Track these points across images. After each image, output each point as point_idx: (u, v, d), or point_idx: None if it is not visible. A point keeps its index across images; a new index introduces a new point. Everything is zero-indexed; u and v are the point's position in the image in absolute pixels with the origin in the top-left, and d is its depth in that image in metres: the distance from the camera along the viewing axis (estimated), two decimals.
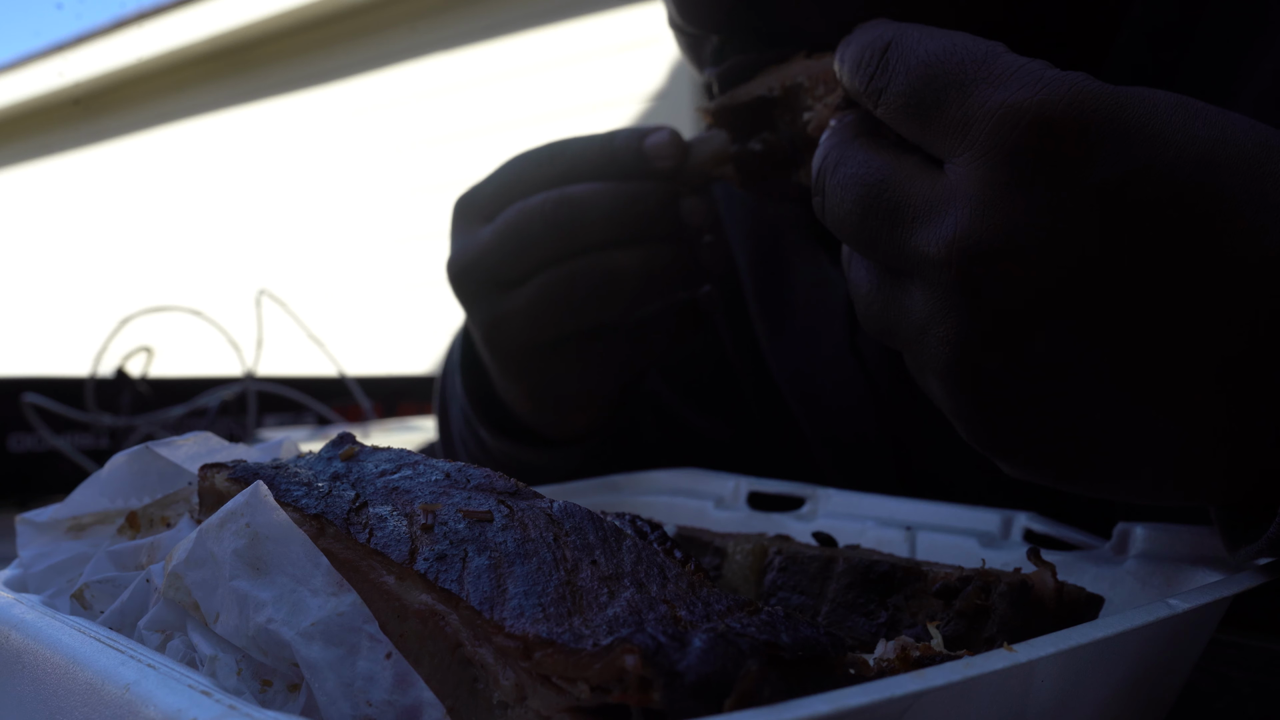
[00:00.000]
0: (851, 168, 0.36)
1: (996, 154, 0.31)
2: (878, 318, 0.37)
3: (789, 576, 0.37)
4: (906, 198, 0.33)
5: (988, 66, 0.32)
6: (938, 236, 0.32)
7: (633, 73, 3.25)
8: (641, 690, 0.21)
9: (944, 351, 0.33)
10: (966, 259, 0.31)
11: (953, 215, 0.32)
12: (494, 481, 0.33)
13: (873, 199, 0.34)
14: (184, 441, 0.37)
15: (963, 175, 0.32)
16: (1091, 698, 0.27)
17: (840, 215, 0.36)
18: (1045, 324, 0.31)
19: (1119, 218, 0.30)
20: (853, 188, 0.35)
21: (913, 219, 0.33)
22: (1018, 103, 0.31)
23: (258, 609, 0.26)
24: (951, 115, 0.33)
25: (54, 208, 5.28)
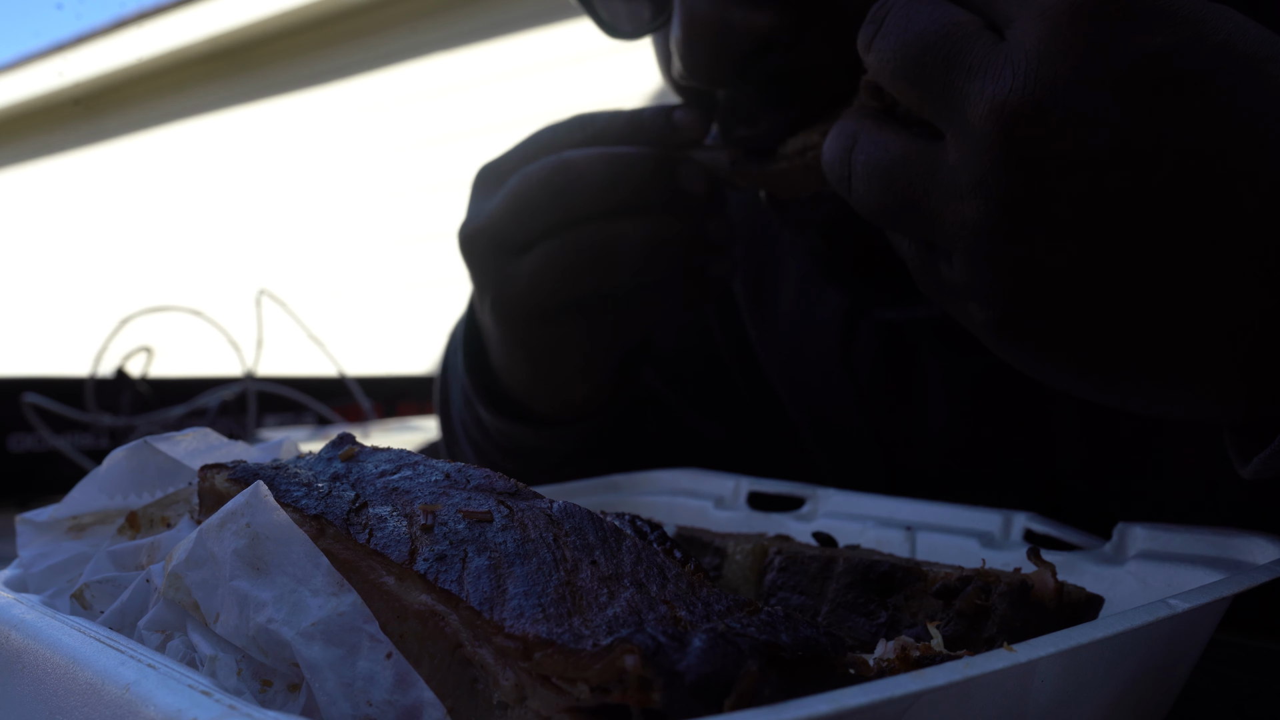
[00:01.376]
0: (925, 7, 0.36)
1: (1053, 19, 0.32)
2: (891, 183, 0.37)
3: (789, 576, 0.37)
4: (966, 48, 0.34)
5: None
6: (993, 91, 0.33)
7: (633, 73, 3.25)
8: (641, 690, 0.21)
9: (982, 217, 0.34)
10: (1016, 117, 0.32)
11: (1009, 72, 0.33)
12: (494, 482, 0.33)
13: (938, 38, 0.35)
14: (183, 437, 0.37)
15: (1020, 37, 0.33)
16: (1091, 698, 0.27)
17: (896, 46, 0.36)
18: (1086, 193, 0.32)
19: (1164, 86, 0.31)
20: (921, 22, 0.35)
21: (969, 69, 0.34)
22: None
23: (258, 609, 0.26)
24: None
25: (54, 208, 5.27)
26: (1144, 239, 0.32)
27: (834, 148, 0.40)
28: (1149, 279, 0.32)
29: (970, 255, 0.35)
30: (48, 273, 5.33)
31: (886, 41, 0.37)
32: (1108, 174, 0.32)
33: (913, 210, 0.36)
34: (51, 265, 5.32)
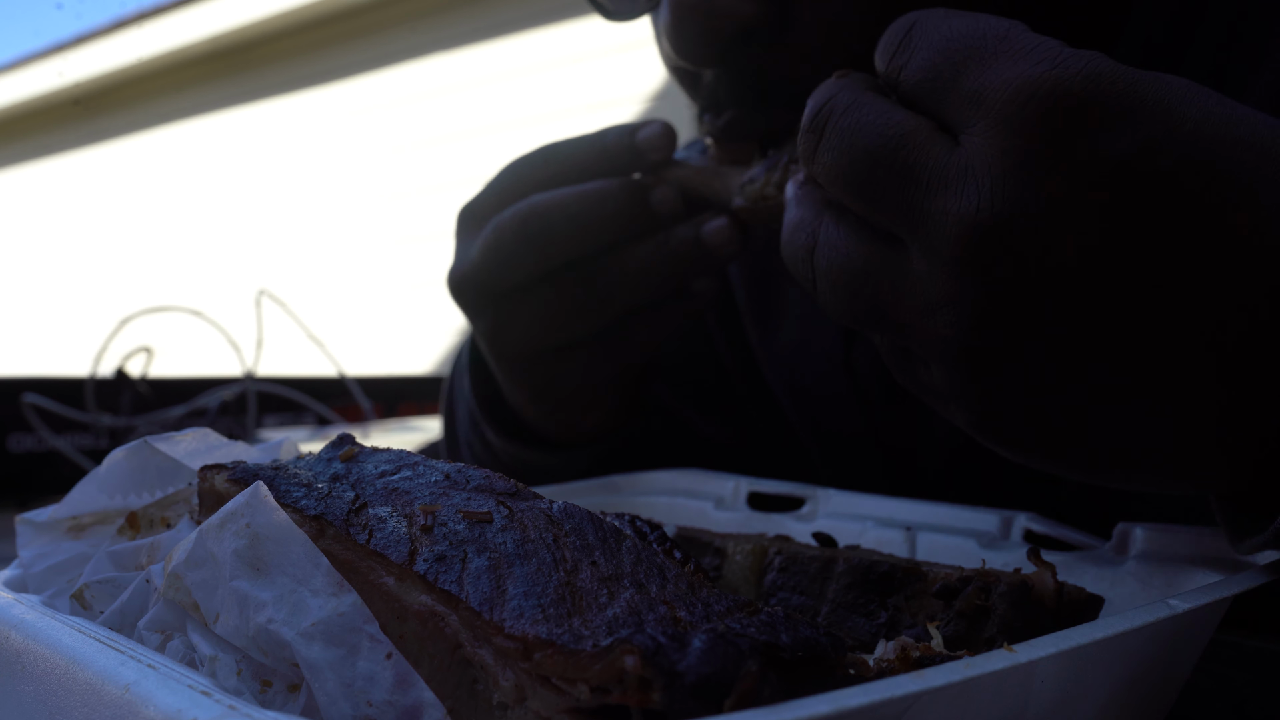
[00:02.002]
0: (867, 115, 0.34)
1: (1013, 126, 0.31)
2: (858, 291, 0.35)
3: (789, 577, 0.37)
4: (923, 159, 0.33)
5: (1006, 42, 0.33)
6: (957, 209, 0.32)
7: (633, 73, 3.25)
8: (641, 691, 0.21)
9: (954, 331, 0.33)
10: (984, 235, 0.31)
11: (972, 188, 0.31)
12: (493, 482, 0.33)
13: (888, 151, 0.33)
14: (183, 438, 0.37)
15: (979, 146, 0.32)
16: (1091, 698, 0.27)
17: (841, 161, 0.34)
18: (1058, 303, 0.31)
19: (1132, 192, 0.30)
20: (866, 134, 0.34)
21: (928, 183, 0.32)
22: (1035, 76, 0.31)
23: (258, 609, 0.26)
24: (968, 86, 0.33)
25: (54, 208, 5.28)
26: (1119, 344, 0.31)
27: (794, 244, 0.39)
28: (1127, 382, 0.32)
29: (945, 364, 0.34)
30: (48, 273, 5.33)
31: (831, 154, 0.35)
32: (1080, 283, 0.31)
33: (882, 318, 0.35)
34: (51, 265, 5.32)
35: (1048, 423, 0.33)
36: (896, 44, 0.36)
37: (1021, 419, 0.34)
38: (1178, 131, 0.30)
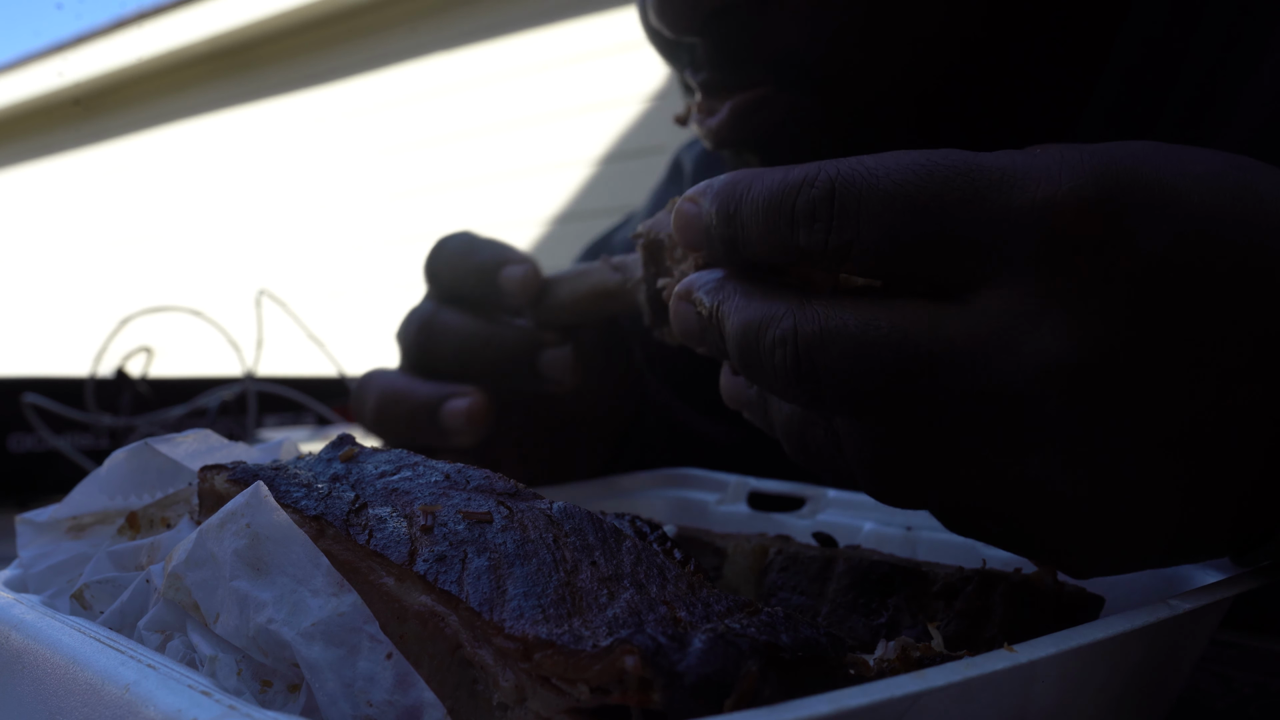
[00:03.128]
0: (845, 327, 0.28)
1: (1046, 257, 0.27)
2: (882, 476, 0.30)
3: (789, 577, 0.37)
4: (939, 348, 0.27)
5: (984, 171, 0.28)
6: (1028, 375, 0.27)
7: (633, 73, 3.25)
8: (641, 691, 0.21)
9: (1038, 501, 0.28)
10: (1072, 382, 0.27)
11: (1032, 345, 0.27)
12: (493, 483, 0.33)
13: (896, 362, 0.27)
14: (184, 439, 0.37)
15: (1009, 294, 0.27)
16: (1091, 698, 0.27)
17: (835, 391, 0.29)
18: (1117, 424, 0.27)
19: (1171, 288, 0.27)
20: (858, 355, 0.28)
21: (955, 366, 0.27)
22: (1051, 196, 0.27)
23: (258, 609, 0.26)
24: (968, 234, 0.27)
25: (54, 208, 5.28)
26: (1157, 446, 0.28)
27: (729, 389, 0.37)
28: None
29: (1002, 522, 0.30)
30: (48, 273, 5.33)
31: (808, 389, 0.29)
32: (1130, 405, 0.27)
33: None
34: (51, 265, 5.32)
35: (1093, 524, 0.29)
36: (827, 220, 0.29)
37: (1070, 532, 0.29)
38: (1207, 222, 0.27)
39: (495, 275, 0.50)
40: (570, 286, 0.50)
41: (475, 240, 0.52)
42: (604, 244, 0.87)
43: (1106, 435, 0.27)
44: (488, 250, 0.51)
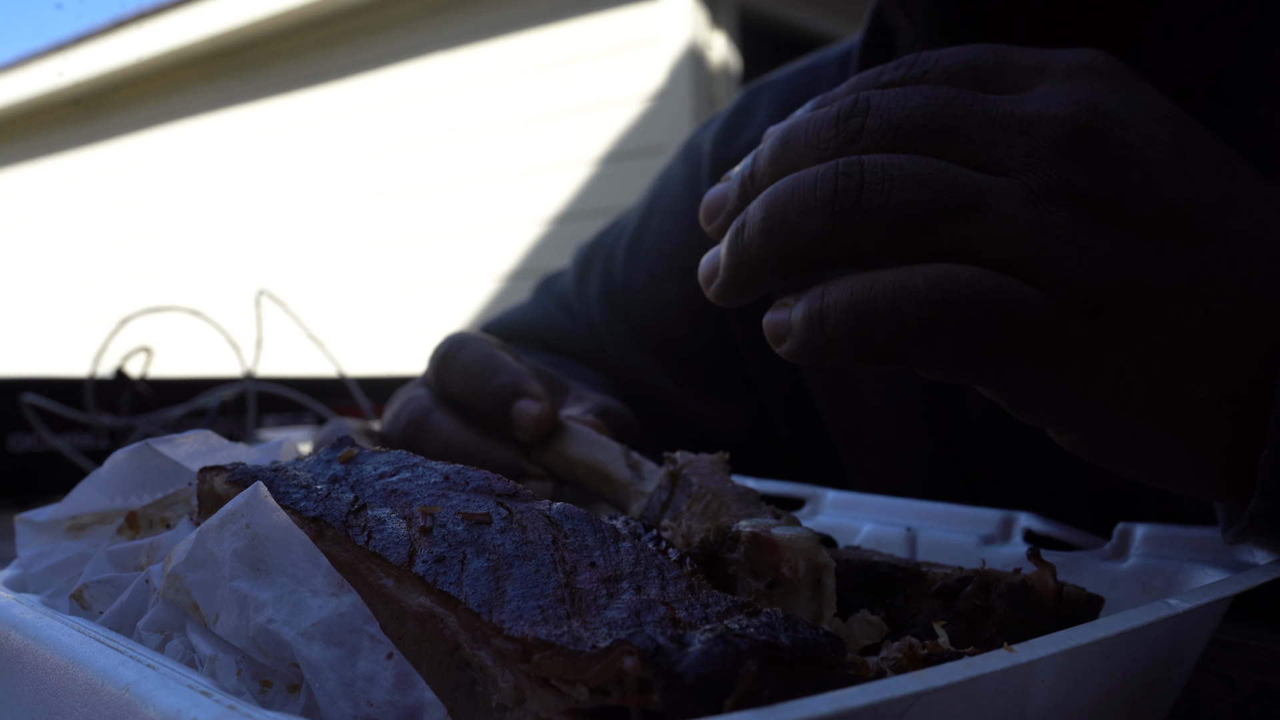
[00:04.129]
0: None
1: (1086, 70, 0.33)
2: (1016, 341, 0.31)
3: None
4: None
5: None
6: (1057, 110, 0.32)
7: (633, 73, 3.25)
8: (641, 692, 0.21)
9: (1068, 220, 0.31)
10: (1090, 121, 0.32)
11: (1060, 99, 0.32)
12: (492, 484, 0.33)
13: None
14: (184, 439, 0.37)
15: (1055, 84, 0.33)
16: (1091, 698, 0.27)
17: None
18: (1151, 199, 0.32)
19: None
20: (917, 99, 0.32)
21: (1009, 104, 0.32)
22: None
23: (258, 609, 0.26)
24: (1024, 62, 0.34)
25: (54, 208, 5.28)
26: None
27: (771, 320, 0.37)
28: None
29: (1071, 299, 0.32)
30: (48, 273, 5.33)
31: (896, 110, 0.33)
32: (1164, 180, 0.32)
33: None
34: (51, 265, 5.32)
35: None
36: (907, 62, 0.35)
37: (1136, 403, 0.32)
38: None
39: (509, 405, 0.49)
40: (581, 447, 0.49)
41: (495, 359, 0.51)
42: (600, 244, 0.87)
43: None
44: (506, 375, 0.50)
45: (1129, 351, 0.31)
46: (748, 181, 0.35)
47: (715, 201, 0.36)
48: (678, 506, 0.41)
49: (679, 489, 0.41)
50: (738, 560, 0.33)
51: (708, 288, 0.35)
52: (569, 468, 0.48)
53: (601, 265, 0.84)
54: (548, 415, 0.49)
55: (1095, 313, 0.30)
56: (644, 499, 0.43)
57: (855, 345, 0.31)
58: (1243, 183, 0.33)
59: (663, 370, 0.78)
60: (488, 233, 3.60)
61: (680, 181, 0.81)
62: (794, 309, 0.32)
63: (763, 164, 0.34)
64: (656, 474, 0.44)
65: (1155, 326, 0.31)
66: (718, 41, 3.21)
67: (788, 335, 0.32)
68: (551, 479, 0.49)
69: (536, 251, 3.49)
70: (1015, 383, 0.31)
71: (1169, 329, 0.31)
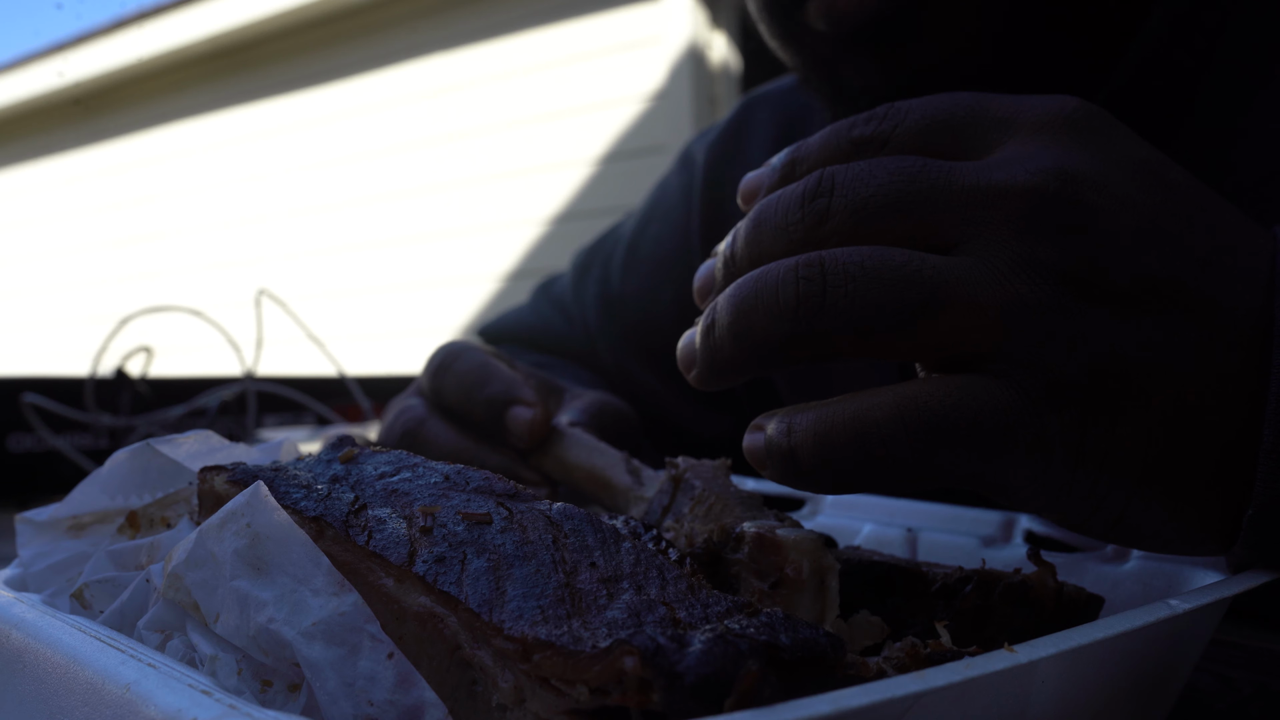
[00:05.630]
0: (873, 164, 0.32)
1: (1056, 125, 0.32)
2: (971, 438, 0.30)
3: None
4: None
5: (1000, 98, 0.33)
6: (1022, 178, 0.30)
7: (633, 73, 3.25)
8: (641, 692, 0.21)
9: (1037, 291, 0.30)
10: (1058, 187, 0.30)
11: (1025, 165, 0.30)
12: (493, 484, 0.33)
13: (916, 167, 0.31)
14: (185, 439, 0.37)
15: (1023, 142, 0.31)
16: (1091, 698, 0.27)
17: (868, 198, 0.31)
18: (1127, 270, 0.30)
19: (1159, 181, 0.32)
20: (881, 173, 0.31)
21: (975, 171, 0.31)
22: (1059, 99, 0.32)
23: (258, 609, 0.26)
24: (993, 115, 0.32)
25: (54, 208, 5.28)
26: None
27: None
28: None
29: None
30: (48, 273, 5.33)
31: (857, 192, 0.32)
32: (1132, 252, 0.31)
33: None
34: (51, 265, 5.32)
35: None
36: (879, 115, 0.34)
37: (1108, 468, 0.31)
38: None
39: (503, 412, 0.50)
40: (580, 453, 0.48)
41: (489, 367, 0.51)
42: (598, 249, 0.87)
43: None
44: (500, 383, 0.50)
45: (1112, 435, 0.29)
46: (729, 262, 0.35)
47: (705, 281, 0.36)
48: (680, 509, 0.41)
49: (681, 492, 0.41)
50: (741, 560, 0.33)
51: (687, 373, 0.34)
52: (568, 474, 0.48)
53: (599, 270, 0.84)
54: (540, 421, 0.49)
55: (1074, 403, 0.29)
56: (643, 504, 0.43)
57: (829, 480, 0.30)
58: (1221, 236, 0.32)
59: (655, 375, 0.78)
60: (488, 233, 3.60)
61: (676, 191, 0.82)
62: (767, 434, 0.31)
63: (739, 246, 0.34)
64: (656, 479, 0.44)
65: (1137, 406, 0.29)
66: (718, 41, 3.21)
67: (766, 462, 0.31)
68: (547, 485, 0.49)
69: (536, 251, 3.49)
70: (1001, 485, 0.30)
71: (1151, 407, 0.30)
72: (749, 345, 0.31)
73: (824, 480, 0.30)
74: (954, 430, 0.29)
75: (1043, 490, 0.30)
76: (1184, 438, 0.30)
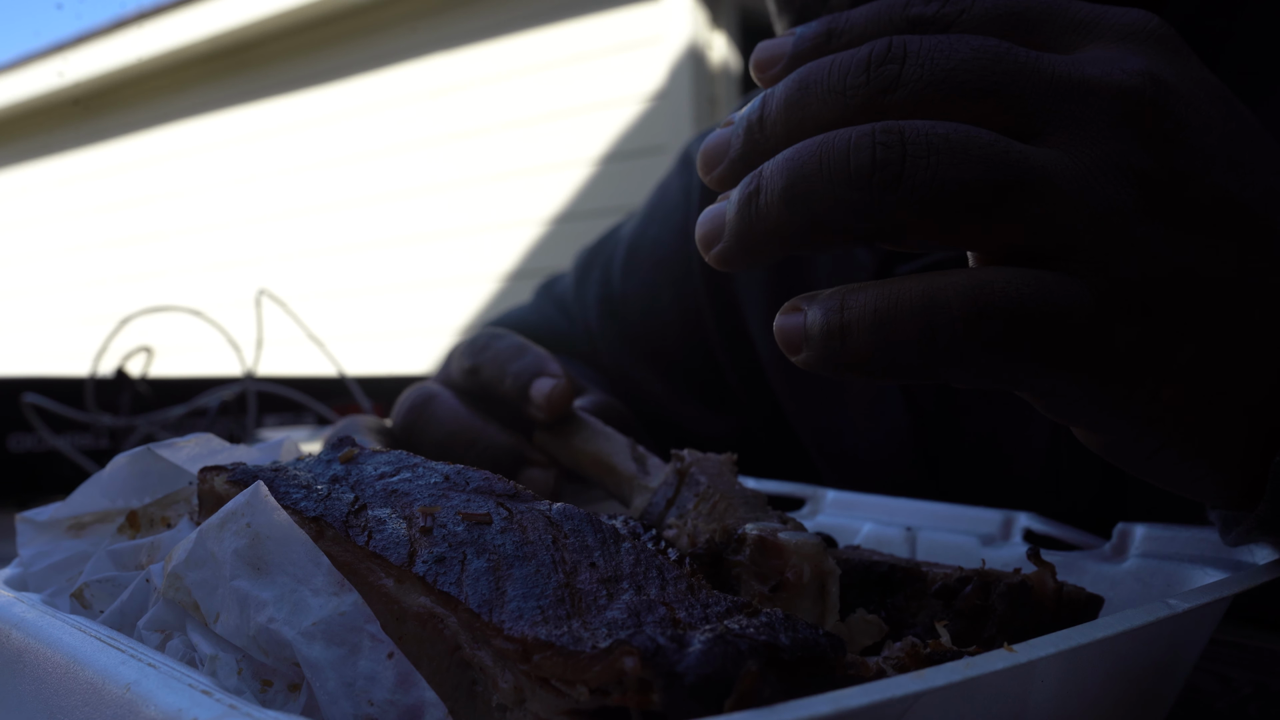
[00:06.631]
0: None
1: (1141, 36, 0.30)
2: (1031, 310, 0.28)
3: None
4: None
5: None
6: (1119, 73, 0.28)
7: (633, 73, 3.25)
8: (641, 692, 0.21)
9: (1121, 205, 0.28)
10: (1153, 91, 0.29)
11: (1120, 62, 0.29)
12: (493, 484, 0.33)
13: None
14: (185, 443, 0.37)
15: (1109, 47, 0.30)
16: (1091, 698, 0.27)
17: (945, 68, 0.28)
18: (1204, 185, 0.29)
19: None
20: (958, 48, 0.29)
21: (1063, 61, 0.29)
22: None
23: (259, 609, 0.26)
24: (1074, 16, 0.31)
25: (54, 208, 5.27)
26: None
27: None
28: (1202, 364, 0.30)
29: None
30: (48, 273, 5.33)
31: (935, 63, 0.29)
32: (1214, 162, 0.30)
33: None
34: (51, 265, 5.32)
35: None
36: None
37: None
38: None
39: (528, 384, 0.49)
40: (587, 437, 0.48)
41: (526, 347, 0.51)
42: (600, 250, 0.87)
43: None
44: (530, 357, 0.50)
45: (1173, 356, 0.29)
46: (755, 128, 0.31)
47: (717, 148, 0.32)
48: (684, 504, 0.40)
49: (686, 486, 0.41)
50: (742, 563, 0.33)
51: (708, 250, 0.31)
52: (574, 457, 0.48)
53: (600, 271, 0.84)
54: (563, 391, 0.48)
55: (1145, 311, 0.28)
56: (647, 494, 0.43)
57: (882, 364, 0.28)
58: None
59: (655, 376, 0.79)
60: (488, 233, 3.60)
61: (677, 192, 0.82)
62: (809, 316, 0.29)
63: (775, 109, 0.30)
64: (661, 470, 0.44)
65: (1205, 327, 0.29)
66: (718, 41, 3.21)
67: (803, 345, 0.29)
68: (554, 467, 0.49)
69: (536, 251, 3.49)
70: (1054, 390, 0.29)
71: (1214, 330, 0.29)
72: (805, 214, 0.28)
73: (876, 363, 0.28)
74: (1028, 321, 0.27)
75: (1096, 402, 0.29)
76: (1233, 371, 0.29)
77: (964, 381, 0.28)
